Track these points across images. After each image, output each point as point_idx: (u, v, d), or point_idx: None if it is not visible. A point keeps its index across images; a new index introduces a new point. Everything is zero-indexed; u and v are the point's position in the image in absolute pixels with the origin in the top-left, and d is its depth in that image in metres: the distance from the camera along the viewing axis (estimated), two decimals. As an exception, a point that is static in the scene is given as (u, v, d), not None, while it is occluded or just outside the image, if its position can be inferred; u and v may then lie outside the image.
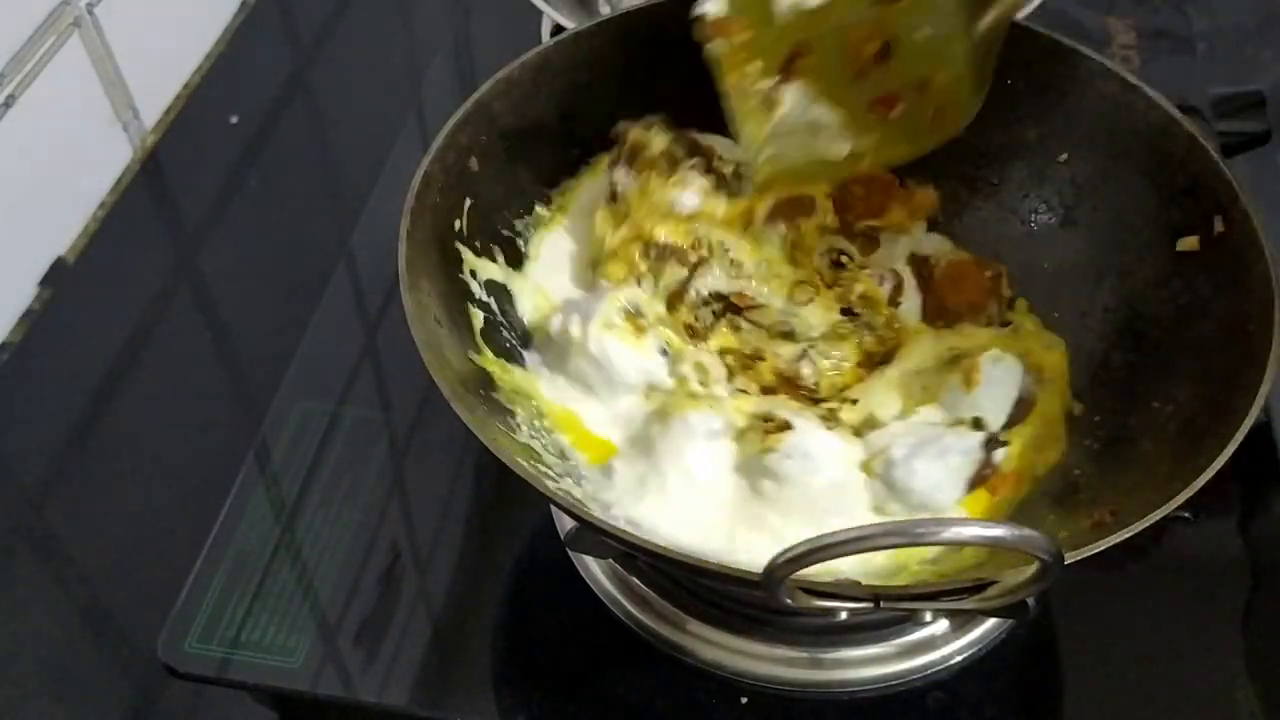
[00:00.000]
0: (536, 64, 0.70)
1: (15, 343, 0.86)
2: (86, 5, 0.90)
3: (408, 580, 0.71)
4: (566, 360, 0.67)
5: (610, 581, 0.69)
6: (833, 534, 0.45)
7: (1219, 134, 0.86)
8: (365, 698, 0.66)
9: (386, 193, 0.90)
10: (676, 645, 0.66)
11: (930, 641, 0.66)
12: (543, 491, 0.55)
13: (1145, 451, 0.62)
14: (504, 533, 0.73)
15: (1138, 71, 0.83)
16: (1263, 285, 0.59)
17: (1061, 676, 0.67)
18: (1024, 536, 0.45)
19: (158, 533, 0.76)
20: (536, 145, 0.72)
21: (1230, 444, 0.53)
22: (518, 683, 0.67)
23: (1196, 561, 0.71)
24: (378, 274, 0.86)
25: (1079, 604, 0.68)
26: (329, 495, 0.74)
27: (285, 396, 0.79)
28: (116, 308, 0.89)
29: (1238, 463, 0.53)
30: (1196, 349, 0.63)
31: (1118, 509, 0.58)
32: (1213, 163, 0.64)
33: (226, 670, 0.66)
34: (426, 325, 0.59)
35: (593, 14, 0.94)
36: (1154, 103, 0.67)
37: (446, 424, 0.55)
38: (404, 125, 0.98)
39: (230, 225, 0.95)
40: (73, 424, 0.82)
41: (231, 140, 1.01)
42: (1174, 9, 1.04)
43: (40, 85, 0.86)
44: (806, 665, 0.66)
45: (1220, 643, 0.68)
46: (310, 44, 1.11)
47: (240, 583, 0.70)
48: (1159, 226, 0.67)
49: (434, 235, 0.64)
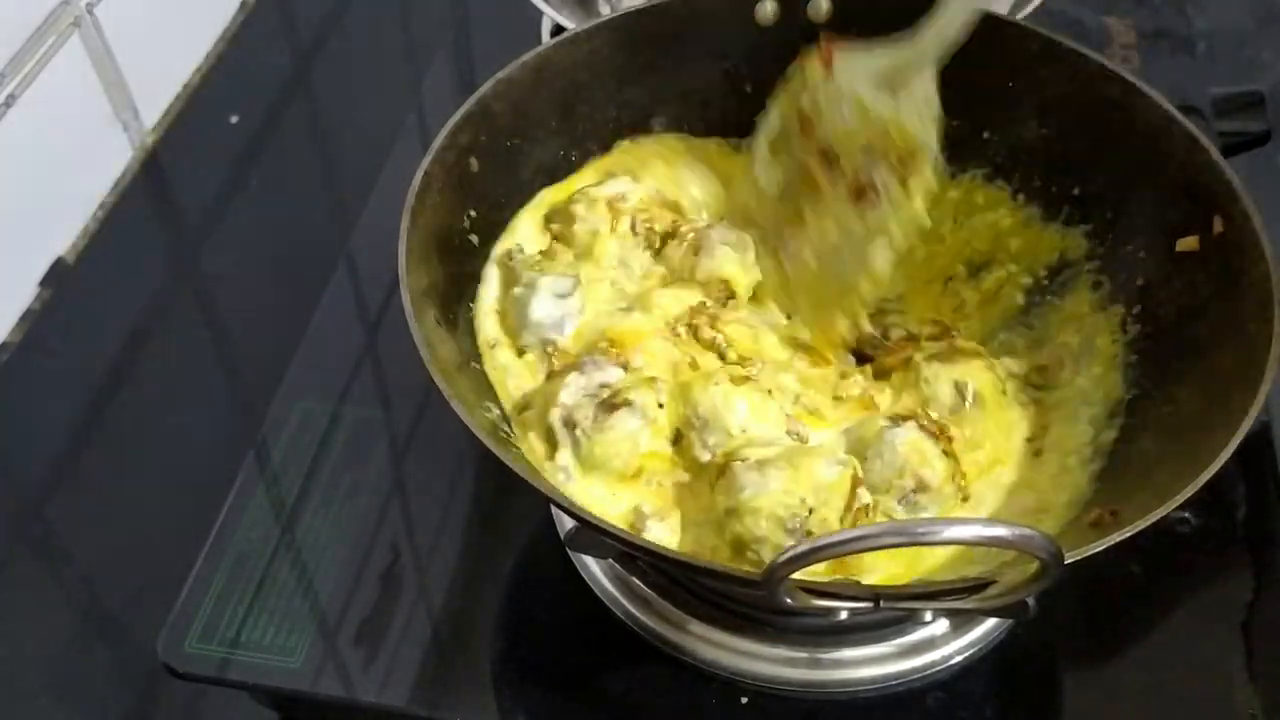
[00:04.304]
0: (536, 64, 0.70)
1: (15, 343, 0.86)
2: (86, 5, 0.90)
3: (408, 580, 0.71)
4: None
5: (610, 581, 0.69)
6: (833, 534, 0.46)
7: (1219, 134, 0.86)
8: (365, 698, 0.66)
9: (386, 193, 0.90)
10: (676, 645, 0.66)
11: (930, 641, 0.66)
12: (543, 491, 0.55)
13: (1145, 451, 0.62)
14: (504, 533, 0.73)
15: (1138, 71, 0.83)
16: (1262, 285, 0.59)
17: (1061, 676, 0.67)
18: (1024, 536, 0.45)
19: (158, 533, 0.76)
20: (536, 145, 0.72)
21: (1230, 444, 0.53)
22: (518, 683, 0.67)
23: (1196, 561, 0.71)
24: (378, 274, 0.86)
25: (1079, 604, 0.68)
26: (329, 495, 0.74)
27: (285, 396, 0.79)
28: (116, 308, 0.89)
29: (1237, 463, 0.53)
30: (1196, 349, 0.63)
31: (1118, 509, 0.58)
32: (1213, 163, 0.64)
33: (226, 670, 0.66)
34: (426, 325, 0.59)
35: (593, 14, 0.94)
36: (1154, 103, 0.67)
37: (446, 424, 0.55)
38: (404, 125, 0.98)
39: (230, 225, 0.95)
40: (73, 424, 0.82)
41: (231, 140, 1.01)
42: (1174, 9, 1.04)
43: (40, 85, 0.86)
44: (806, 665, 0.66)
45: (1220, 643, 0.68)
46: (310, 44, 1.11)
47: (240, 583, 0.70)
48: (1159, 226, 0.67)
49: (434, 235, 0.64)
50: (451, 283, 0.66)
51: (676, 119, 0.77)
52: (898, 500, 0.61)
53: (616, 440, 0.61)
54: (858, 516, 0.60)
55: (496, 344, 0.67)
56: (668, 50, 0.75)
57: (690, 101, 0.77)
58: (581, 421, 0.62)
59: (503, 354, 0.67)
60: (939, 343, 0.69)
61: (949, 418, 0.65)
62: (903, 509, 0.62)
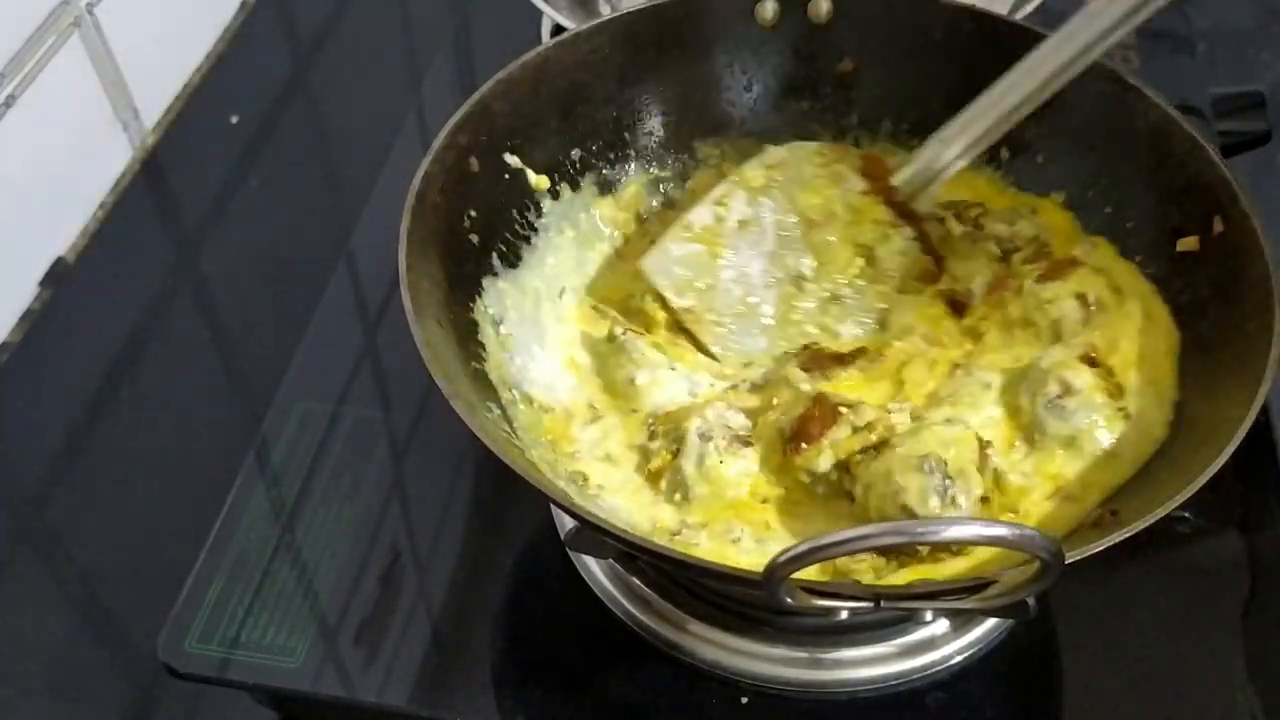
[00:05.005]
0: (536, 64, 0.70)
1: (15, 343, 0.86)
2: (86, 5, 0.90)
3: (408, 580, 0.71)
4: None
5: (610, 581, 0.69)
6: (833, 534, 0.46)
7: (1219, 134, 0.86)
8: (365, 698, 0.66)
9: (386, 193, 0.90)
10: (676, 645, 0.66)
11: (930, 641, 0.66)
12: (543, 491, 0.55)
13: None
14: (504, 533, 0.73)
15: (1138, 71, 0.83)
16: (1262, 285, 0.59)
17: (1061, 676, 0.67)
18: (1024, 536, 0.45)
19: (158, 533, 0.76)
20: (536, 145, 0.72)
21: (1230, 444, 0.53)
22: (518, 683, 0.67)
23: (1196, 561, 0.71)
24: (378, 274, 0.86)
25: (1079, 604, 0.68)
26: (329, 495, 0.74)
27: (285, 396, 0.79)
28: (116, 308, 0.89)
29: (1237, 463, 0.53)
30: (1196, 349, 0.63)
31: (1118, 509, 0.58)
32: (1212, 163, 0.64)
33: (226, 670, 0.66)
34: (426, 325, 0.59)
35: (593, 14, 0.94)
36: (1154, 103, 0.67)
37: (446, 424, 0.55)
38: (404, 125, 0.98)
39: (230, 225, 0.95)
40: (73, 424, 0.82)
41: (231, 140, 1.01)
42: (1174, 9, 1.04)
43: (40, 85, 0.86)
44: (806, 665, 0.66)
45: (1220, 643, 0.68)
46: (310, 44, 1.11)
47: (240, 583, 0.70)
48: (1159, 226, 0.67)
49: (434, 235, 0.64)
50: (452, 283, 0.66)
51: (676, 119, 0.77)
52: (1044, 406, 0.62)
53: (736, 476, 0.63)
54: (996, 478, 0.61)
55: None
56: (668, 50, 0.75)
57: (690, 101, 0.77)
58: (718, 440, 0.63)
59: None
60: (1037, 264, 0.69)
61: (1082, 331, 0.65)
62: (1053, 417, 0.62)
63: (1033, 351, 0.66)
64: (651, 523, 0.62)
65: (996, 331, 0.68)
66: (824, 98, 0.78)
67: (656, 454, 0.64)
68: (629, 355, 0.68)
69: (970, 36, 0.72)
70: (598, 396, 0.68)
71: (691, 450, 0.63)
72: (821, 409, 0.62)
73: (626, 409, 0.67)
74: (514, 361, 0.68)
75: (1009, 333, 0.68)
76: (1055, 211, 0.73)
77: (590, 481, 0.64)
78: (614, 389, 0.68)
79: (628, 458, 0.65)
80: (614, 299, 0.73)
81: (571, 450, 0.65)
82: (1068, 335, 0.66)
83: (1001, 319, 0.68)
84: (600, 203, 0.75)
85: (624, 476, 0.64)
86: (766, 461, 0.63)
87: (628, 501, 0.63)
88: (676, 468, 0.63)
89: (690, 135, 0.78)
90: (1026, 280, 0.68)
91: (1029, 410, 0.63)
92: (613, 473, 0.65)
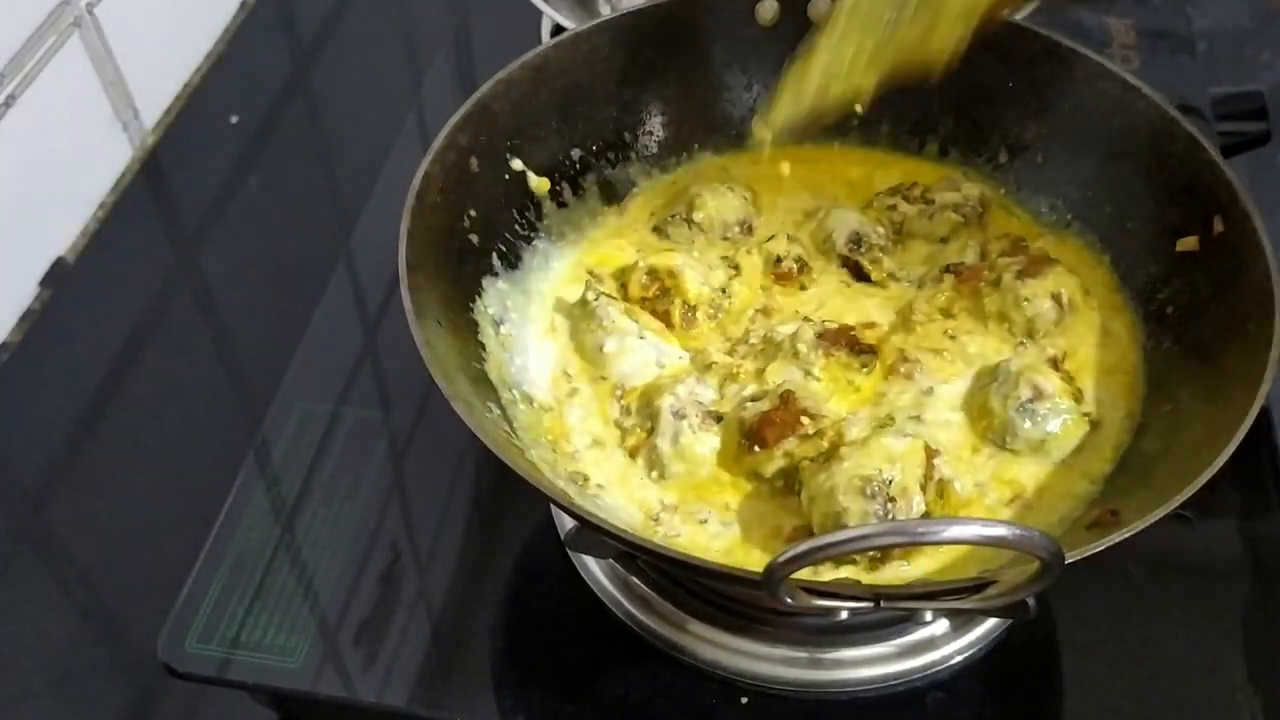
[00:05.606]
0: (536, 64, 0.70)
1: (15, 343, 0.86)
2: (86, 5, 0.90)
3: (408, 580, 0.71)
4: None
5: (610, 581, 0.69)
6: (833, 534, 0.46)
7: (1219, 134, 0.86)
8: (365, 698, 0.66)
9: (386, 193, 0.90)
10: (676, 645, 0.66)
11: (930, 641, 0.66)
12: (543, 491, 0.55)
13: (1145, 451, 0.62)
14: (504, 533, 0.73)
15: (1138, 71, 0.83)
16: (1263, 285, 0.59)
17: (1061, 676, 0.67)
18: (1024, 536, 0.45)
19: (158, 533, 0.76)
20: (536, 145, 0.72)
21: (1230, 444, 0.53)
22: (518, 683, 0.67)
23: (1196, 561, 0.71)
24: (378, 274, 0.86)
25: (1079, 604, 0.68)
26: (329, 495, 0.74)
27: (285, 396, 0.79)
28: (116, 308, 0.89)
29: (1238, 463, 0.53)
30: (1196, 349, 0.63)
31: (1118, 509, 0.58)
32: (1212, 163, 0.64)
33: (226, 670, 0.66)
34: (426, 325, 0.59)
35: (593, 14, 0.94)
36: (1154, 103, 0.67)
37: (446, 424, 0.55)
38: (404, 125, 0.98)
39: (230, 225, 0.95)
40: (73, 424, 0.82)
41: (231, 140, 1.01)
42: (1174, 9, 1.04)
43: (40, 85, 0.86)
44: (806, 665, 0.66)
45: (1220, 643, 0.67)
46: (310, 44, 1.11)
47: (240, 583, 0.70)
48: (1159, 226, 0.67)
49: (434, 235, 0.64)
50: (452, 283, 0.66)
51: (676, 119, 0.77)
52: (1016, 409, 0.63)
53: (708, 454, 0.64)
54: (940, 488, 0.61)
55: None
56: (668, 50, 0.75)
57: (691, 101, 0.77)
58: (691, 418, 0.64)
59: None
60: (1015, 258, 0.70)
61: (1054, 329, 0.67)
62: (1025, 420, 0.63)
63: (1006, 347, 0.67)
64: (641, 509, 0.63)
65: (970, 320, 0.69)
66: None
67: (631, 431, 0.65)
68: (599, 321, 0.69)
69: (971, 36, 0.72)
70: (571, 360, 0.69)
71: (666, 428, 0.64)
72: (784, 413, 0.63)
73: (595, 375, 0.68)
74: (514, 361, 0.68)
75: (983, 324, 0.69)
76: (981, 180, 0.75)
77: (590, 481, 0.64)
78: (584, 354, 0.69)
79: (611, 435, 0.66)
80: (608, 268, 0.74)
81: (571, 450, 0.65)
82: (1039, 334, 0.67)
83: (976, 309, 0.69)
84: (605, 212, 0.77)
85: (616, 463, 0.65)
86: (726, 448, 0.64)
87: (623, 495, 0.63)
88: (652, 445, 0.64)
89: (690, 135, 0.78)
90: (1005, 274, 0.68)
91: (1000, 413, 0.63)
92: (605, 462, 0.65)
